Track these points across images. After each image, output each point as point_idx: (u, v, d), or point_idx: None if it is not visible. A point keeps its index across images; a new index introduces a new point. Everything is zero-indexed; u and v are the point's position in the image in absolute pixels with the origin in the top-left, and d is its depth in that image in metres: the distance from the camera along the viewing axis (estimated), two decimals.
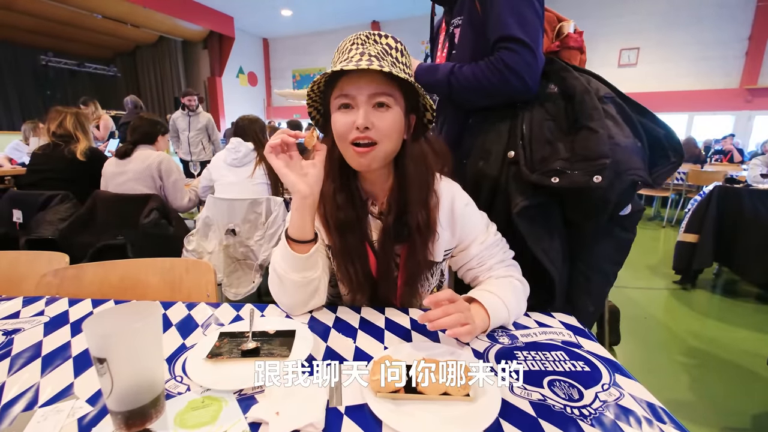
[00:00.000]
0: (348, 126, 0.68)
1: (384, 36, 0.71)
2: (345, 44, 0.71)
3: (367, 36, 0.70)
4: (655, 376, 1.81)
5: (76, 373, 0.55)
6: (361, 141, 0.68)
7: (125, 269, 0.96)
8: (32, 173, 2.13)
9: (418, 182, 0.74)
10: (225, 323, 0.71)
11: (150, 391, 0.43)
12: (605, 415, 0.48)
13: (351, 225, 0.76)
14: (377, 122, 0.67)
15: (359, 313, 0.75)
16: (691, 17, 7.48)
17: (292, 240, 0.70)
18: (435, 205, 0.76)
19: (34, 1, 6.61)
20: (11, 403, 0.49)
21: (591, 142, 0.81)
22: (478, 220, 0.82)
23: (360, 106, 0.67)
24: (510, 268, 0.80)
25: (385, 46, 0.70)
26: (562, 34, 1.02)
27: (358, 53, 0.68)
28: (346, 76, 0.68)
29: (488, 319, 0.68)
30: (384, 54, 0.69)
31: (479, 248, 0.80)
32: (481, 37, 0.92)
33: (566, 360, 0.60)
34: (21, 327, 0.69)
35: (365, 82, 0.67)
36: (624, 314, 2.00)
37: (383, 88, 0.67)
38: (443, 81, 0.92)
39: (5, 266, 1.01)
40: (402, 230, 0.75)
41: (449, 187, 0.81)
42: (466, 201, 0.82)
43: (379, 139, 0.68)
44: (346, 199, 0.76)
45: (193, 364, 0.57)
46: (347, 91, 0.67)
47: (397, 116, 0.69)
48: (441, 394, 0.50)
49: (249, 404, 0.49)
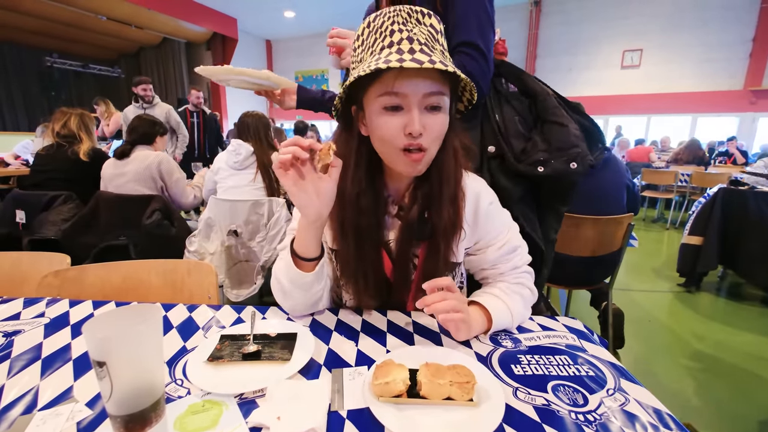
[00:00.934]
0: (398, 130, 0.60)
1: (427, 14, 0.61)
2: (383, 21, 0.60)
3: (409, 14, 0.60)
4: (659, 379, 1.80)
5: (76, 376, 0.55)
6: (413, 148, 0.60)
7: (127, 270, 0.96)
8: (36, 173, 2.14)
9: (449, 177, 0.68)
10: (226, 325, 0.71)
11: (150, 395, 0.42)
12: (611, 420, 0.47)
13: (370, 230, 0.69)
14: (429, 126, 0.60)
15: (361, 315, 0.74)
16: (695, 19, 7.46)
17: (299, 257, 0.66)
18: (463, 201, 0.71)
19: (39, 2, 6.66)
20: (10, 406, 0.48)
21: (563, 134, 0.93)
22: (500, 222, 0.78)
23: (413, 108, 0.59)
24: (522, 276, 0.77)
25: (430, 29, 0.60)
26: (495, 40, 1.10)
27: (405, 39, 0.57)
28: (396, 70, 0.57)
29: (488, 321, 0.67)
30: (432, 41, 0.60)
31: (497, 253, 0.76)
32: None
33: (570, 364, 0.59)
34: (21, 329, 0.68)
35: (420, 79, 0.58)
36: (628, 317, 1.98)
37: (438, 87, 0.59)
38: None
39: (7, 267, 1.01)
40: (424, 228, 0.69)
41: (475, 184, 0.76)
42: (491, 199, 0.77)
43: (428, 144, 0.61)
44: (371, 202, 0.68)
45: (193, 367, 0.56)
46: (398, 89, 0.58)
47: (446, 118, 0.62)
48: (444, 399, 0.49)
49: (250, 408, 0.48)
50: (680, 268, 2.78)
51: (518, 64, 3.76)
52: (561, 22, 8.66)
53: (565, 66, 8.81)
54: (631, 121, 8.67)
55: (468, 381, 0.49)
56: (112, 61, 10.24)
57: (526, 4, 8.77)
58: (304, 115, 11.24)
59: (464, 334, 0.64)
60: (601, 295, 1.98)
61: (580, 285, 1.91)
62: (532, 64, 9.05)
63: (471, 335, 0.65)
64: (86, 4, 6.94)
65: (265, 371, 0.56)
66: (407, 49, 0.57)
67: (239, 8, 8.85)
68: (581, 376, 0.56)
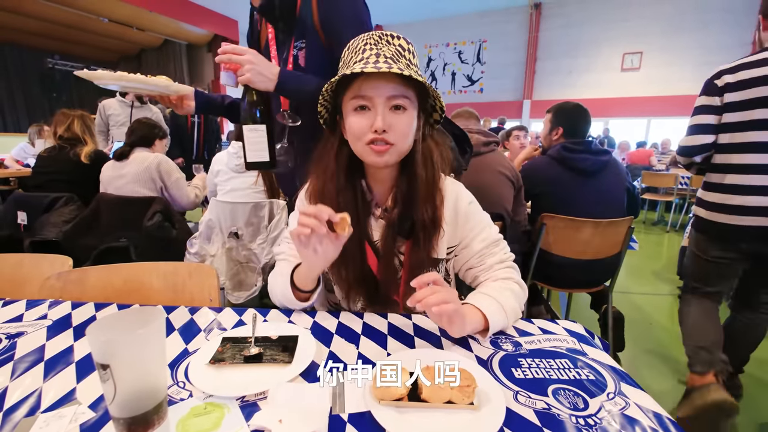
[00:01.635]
0: (365, 128, 0.69)
1: (396, 37, 0.71)
2: (357, 44, 0.71)
3: (380, 37, 0.70)
4: (659, 383, 1.80)
5: (79, 378, 0.55)
6: (378, 141, 0.69)
7: (128, 273, 0.96)
8: (37, 175, 2.15)
9: (426, 179, 0.75)
10: (227, 328, 0.71)
11: (153, 398, 0.42)
12: (611, 424, 0.47)
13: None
14: (395, 124, 0.68)
15: (362, 318, 0.74)
16: (695, 22, 7.49)
17: (297, 288, 0.73)
18: (441, 203, 0.77)
19: (40, 4, 6.69)
20: (14, 408, 0.49)
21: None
22: (480, 218, 0.84)
23: (377, 108, 0.68)
24: (510, 270, 0.81)
25: (398, 47, 0.70)
26: None
27: (374, 54, 0.67)
28: (363, 78, 0.68)
29: (484, 320, 0.67)
30: (398, 56, 0.69)
31: (481, 245, 0.81)
32: (331, 65, 0.98)
33: (571, 368, 0.59)
34: (24, 330, 0.69)
35: (383, 84, 0.67)
36: (628, 320, 1.99)
37: (401, 90, 0.68)
38: (310, 92, 0.94)
39: (9, 269, 1.01)
40: (405, 225, 0.76)
41: (453, 186, 0.83)
42: (470, 199, 0.84)
43: (395, 140, 0.69)
44: (350, 199, 0.75)
45: (195, 369, 0.57)
46: (364, 92, 0.68)
47: (412, 118, 0.71)
48: (445, 402, 0.49)
49: (252, 411, 0.48)
50: (681, 271, 2.78)
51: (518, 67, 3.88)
52: (561, 24, 8.70)
53: (565, 68, 8.84)
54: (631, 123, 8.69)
55: (469, 384, 0.50)
56: (114, 62, 10.28)
57: (526, 7, 8.81)
58: None
59: (459, 328, 0.64)
60: (601, 298, 1.98)
61: (580, 288, 1.91)
62: (532, 66, 9.08)
63: (466, 330, 0.66)
64: (88, 6, 6.97)
65: (267, 374, 0.56)
66: (373, 61, 0.67)
67: (240, 10, 8.88)
68: (581, 379, 0.56)
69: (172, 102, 1.17)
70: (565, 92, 8.68)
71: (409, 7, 8.87)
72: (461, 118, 1.90)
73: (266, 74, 0.92)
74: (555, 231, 1.72)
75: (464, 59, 9.81)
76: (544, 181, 1.79)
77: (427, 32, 9.80)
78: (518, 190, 1.70)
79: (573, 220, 1.66)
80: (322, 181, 0.77)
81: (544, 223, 1.72)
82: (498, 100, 9.45)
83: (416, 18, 9.53)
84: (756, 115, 1.25)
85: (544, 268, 1.81)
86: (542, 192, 1.80)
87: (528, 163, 1.97)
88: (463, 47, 9.73)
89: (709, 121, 1.36)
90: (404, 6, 8.80)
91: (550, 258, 1.77)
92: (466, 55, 9.76)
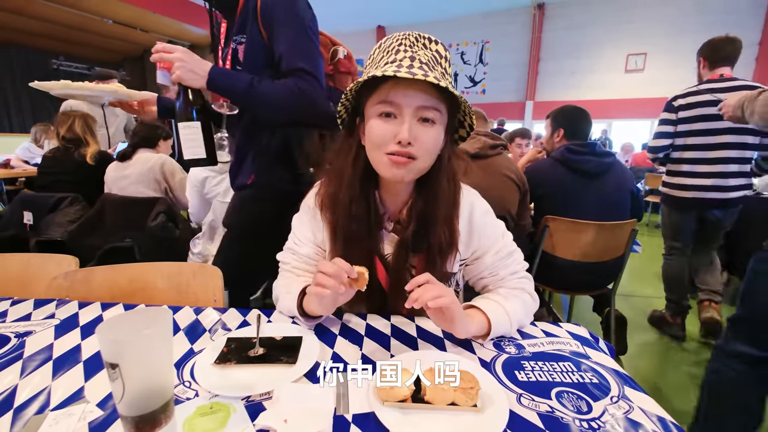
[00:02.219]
0: (388, 137, 0.63)
1: (434, 41, 0.65)
2: (391, 42, 0.65)
3: (417, 38, 0.64)
4: (662, 385, 1.79)
5: (87, 377, 0.56)
6: (400, 154, 0.63)
7: (133, 273, 0.97)
8: (43, 176, 2.17)
9: (447, 199, 0.71)
10: (232, 328, 0.72)
11: (160, 396, 0.43)
12: (615, 428, 0.47)
13: (359, 237, 0.72)
14: (421, 137, 0.63)
15: (365, 320, 0.75)
16: (699, 23, 7.46)
17: (305, 313, 0.70)
18: (458, 219, 0.74)
19: (45, 6, 6.74)
20: (24, 406, 0.50)
21: None
22: (494, 230, 0.79)
23: (405, 118, 0.62)
24: (522, 281, 0.78)
25: (435, 53, 0.64)
26: (334, 58, 1.15)
27: (408, 57, 0.62)
28: (393, 82, 0.62)
29: (487, 323, 0.67)
30: (434, 63, 0.63)
31: (493, 259, 0.78)
32: (269, 60, 0.98)
33: (574, 371, 0.60)
34: (33, 329, 0.70)
35: (414, 91, 0.61)
36: (631, 323, 1.98)
37: (433, 102, 0.62)
38: (241, 89, 0.95)
39: (16, 269, 1.02)
40: (420, 244, 0.72)
41: (468, 196, 0.78)
42: (485, 209, 0.79)
43: (419, 155, 0.64)
44: (362, 210, 0.71)
45: (201, 369, 0.57)
46: (393, 98, 0.62)
47: (439, 132, 0.65)
48: (448, 404, 0.50)
49: (257, 411, 0.49)
50: None
51: (521, 68, 3.87)
52: (564, 26, 8.67)
53: (568, 69, 8.82)
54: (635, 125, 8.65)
55: (472, 387, 0.50)
56: (117, 63, 10.32)
57: (529, 8, 8.79)
58: None
59: (462, 328, 0.63)
60: (604, 300, 1.98)
61: (582, 290, 1.91)
62: (535, 67, 9.06)
63: (470, 332, 0.65)
64: (92, 7, 7.02)
65: (271, 374, 0.57)
66: (407, 65, 0.61)
67: None
68: (585, 383, 0.57)
69: (134, 108, 1.17)
70: (568, 93, 8.65)
71: (412, 8, 8.88)
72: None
73: (197, 71, 0.92)
74: (558, 233, 1.72)
75: (467, 60, 9.80)
76: (547, 183, 1.79)
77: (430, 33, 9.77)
78: (524, 194, 1.69)
79: (576, 223, 1.66)
80: (336, 186, 0.72)
81: (546, 225, 1.72)
82: (500, 101, 9.43)
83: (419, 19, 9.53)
84: (696, 126, 1.92)
85: (546, 271, 1.81)
86: (545, 194, 1.80)
87: (531, 165, 1.97)
88: (466, 48, 9.72)
89: (668, 130, 2.01)
90: (407, 7, 8.81)
91: (552, 260, 1.77)
92: (469, 56, 9.76)
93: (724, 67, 1.93)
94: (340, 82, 1.18)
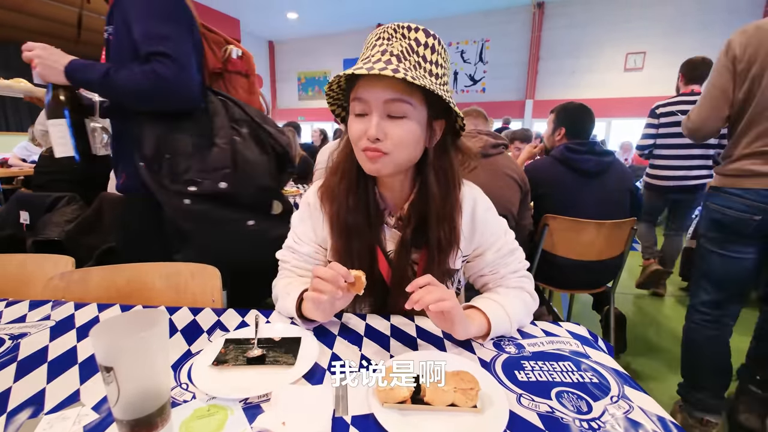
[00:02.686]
0: (360, 133, 0.64)
1: (414, 29, 0.63)
2: (371, 38, 0.65)
3: (395, 29, 0.63)
4: (661, 384, 1.79)
5: (82, 380, 0.55)
6: (371, 149, 0.64)
7: (131, 273, 0.96)
8: (39, 175, 2.16)
9: (441, 196, 0.70)
10: (230, 329, 0.71)
11: (156, 399, 0.42)
12: (615, 428, 0.47)
13: (358, 230, 0.72)
14: (390, 132, 0.63)
15: (365, 320, 0.74)
16: (697, 23, 7.45)
17: (303, 317, 0.70)
18: (459, 216, 0.73)
19: (44, 3, 6.70)
20: (17, 410, 0.49)
21: (216, 156, 1.01)
22: (496, 227, 0.79)
23: (373, 114, 0.62)
24: (522, 280, 0.78)
25: (412, 42, 0.62)
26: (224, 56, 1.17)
27: (379, 52, 0.62)
28: (363, 78, 0.62)
29: (486, 323, 0.66)
30: (408, 52, 0.62)
31: (494, 256, 0.78)
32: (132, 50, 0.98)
33: (574, 371, 0.59)
34: (27, 331, 0.69)
35: (381, 87, 0.61)
36: (630, 321, 1.98)
37: (399, 94, 0.61)
38: (97, 81, 0.95)
39: (13, 269, 1.01)
40: (420, 241, 0.72)
41: (471, 192, 0.78)
42: (487, 206, 0.79)
43: (389, 150, 0.64)
44: (358, 202, 0.72)
45: (198, 371, 0.57)
46: (362, 95, 0.63)
47: (413, 126, 0.64)
48: (448, 405, 0.49)
49: (255, 413, 0.48)
50: (683, 272, 2.78)
51: (521, 67, 3.95)
52: (564, 24, 8.66)
53: (568, 68, 8.80)
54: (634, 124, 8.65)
55: (472, 387, 0.50)
56: None
57: (529, 6, 8.78)
58: (306, 116, 11.27)
59: (462, 330, 0.62)
60: (603, 298, 1.98)
61: (582, 289, 1.91)
62: (535, 66, 9.04)
63: (470, 333, 0.65)
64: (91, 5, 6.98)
65: (270, 376, 0.56)
66: (374, 60, 0.61)
67: (242, 9, 8.89)
68: (585, 382, 0.56)
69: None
70: (568, 92, 8.64)
71: (412, 7, 8.86)
72: (469, 117, 1.88)
73: (55, 66, 0.93)
74: (557, 232, 1.72)
75: (467, 59, 9.78)
76: (547, 182, 1.78)
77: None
78: (525, 194, 1.69)
79: (576, 221, 1.66)
80: (335, 180, 0.74)
81: (546, 224, 1.71)
82: (500, 99, 9.42)
83: (419, 17, 9.51)
84: (671, 130, 2.43)
85: (546, 269, 1.81)
86: (545, 193, 1.80)
87: (531, 164, 1.97)
88: (466, 47, 9.70)
89: (651, 132, 2.56)
90: (407, 5, 8.79)
91: (552, 259, 1.77)
92: (469, 55, 9.73)
93: (696, 84, 2.42)
94: (231, 82, 1.20)
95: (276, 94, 12.08)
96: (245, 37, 9.84)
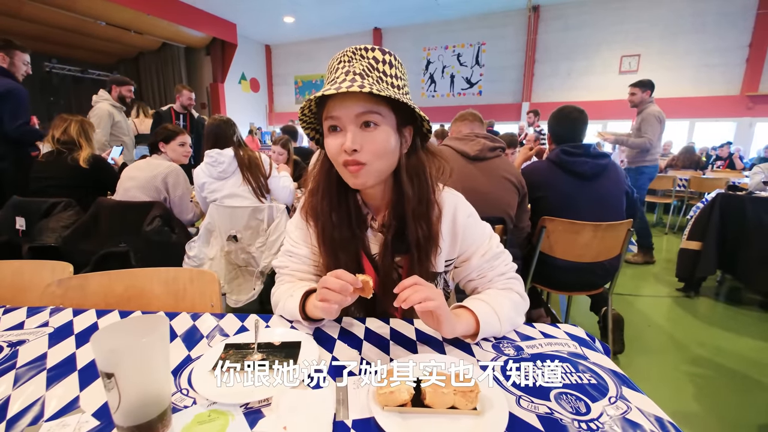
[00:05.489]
0: (337, 149, 0.67)
1: (371, 49, 0.68)
2: (333, 62, 0.70)
3: (354, 51, 0.68)
4: (658, 384, 1.80)
5: (82, 386, 0.55)
6: (350, 163, 0.67)
7: (129, 279, 0.96)
8: (35, 180, 2.14)
9: (417, 196, 0.73)
10: (230, 334, 0.71)
11: (157, 405, 0.42)
12: (613, 429, 0.47)
13: (345, 244, 0.76)
14: (365, 143, 0.66)
15: (364, 323, 0.75)
16: (692, 25, 7.53)
17: (307, 316, 0.72)
18: (437, 218, 0.76)
19: (39, 8, 6.68)
20: (17, 418, 0.49)
21: None
22: (480, 232, 0.82)
23: (347, 128, 0.66)
24: (510, 281, 0.80)
25: (371, 60, 0.67)
26: None
27: (343, 72, 0.66)
28: (334, 97, 0.66)
29: (475, 323, 0.67)
30: (370, 70, 0.67)
31: (480, 260, 0.80)
32: None
33: (572, 372, 0.60)
34: (25, 338, 0.69)
35: (350, 102, 0.65)
36: (627, 322, 1.99)
37: (368, 107, 0.65)
38: None
39: (9, 275, 1.01)
40: (403, 245, 0.75)
41: (452, 198, 0.81)
42: (469, 212, 0.82)
43: (367, 160, 0.67)
44: (343, 217, 0.76)
45: (199, 376, 0.57)
46: (333, 112, 0.66)
47: (386, 134, 0.68)
48: (448, 408, 0.49)
49: (256, 418, 0.49)
50: (679, 273, 2.79)
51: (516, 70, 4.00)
52: (559, 27, 8.72)
53: (563, 71, 8.86)
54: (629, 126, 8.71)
55: (472, 390, 0.50)
56: (112, 66, 10.25)
57: (524, 10, 8.84)
58: None
59: (449, 328, 0.64)
60: (600, 300, 1.99)
61: (580, 290, 1.92)
62: (531, 69, 9.10)
63: (457, 331, 0.66)
64: (86, 9, 6.97)
65: (270, 380, 0.56)
66: (340, 80, 0.65)
67: (239, 13, 8.90)
68: (583, 384, 0.57)
69: None
70: (564, 95, 8.70)
71: (408, 10, 8.90)
72: (465, 121, 1.89)
73: None
74: (555, 234, 1.73)
75: (463, 62, 9.81)
76: (543, 185, 1.80)
77: (426, 35, 9.81)
78: (523, 197, 1.70)
79: (573, 223, 1.67)
80: (316, 199, 0.77)
81: (544, 226, 1.72)
82: (497, 102, 9.46)
83: (415, 21, 9.55)
84: None
85: (544, 271, 1.82)
86: (542, 196, 1.81)
87: (527, 167, 1.98)
88: (462, 50, 9.74)
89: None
90: (403, 9, 8.82)
91: (550, 261, 1.78)
92: (465, 58, 9.77)
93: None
94: None
95: (273, 98, 12.07)
96: (242, 41, 9.85)
